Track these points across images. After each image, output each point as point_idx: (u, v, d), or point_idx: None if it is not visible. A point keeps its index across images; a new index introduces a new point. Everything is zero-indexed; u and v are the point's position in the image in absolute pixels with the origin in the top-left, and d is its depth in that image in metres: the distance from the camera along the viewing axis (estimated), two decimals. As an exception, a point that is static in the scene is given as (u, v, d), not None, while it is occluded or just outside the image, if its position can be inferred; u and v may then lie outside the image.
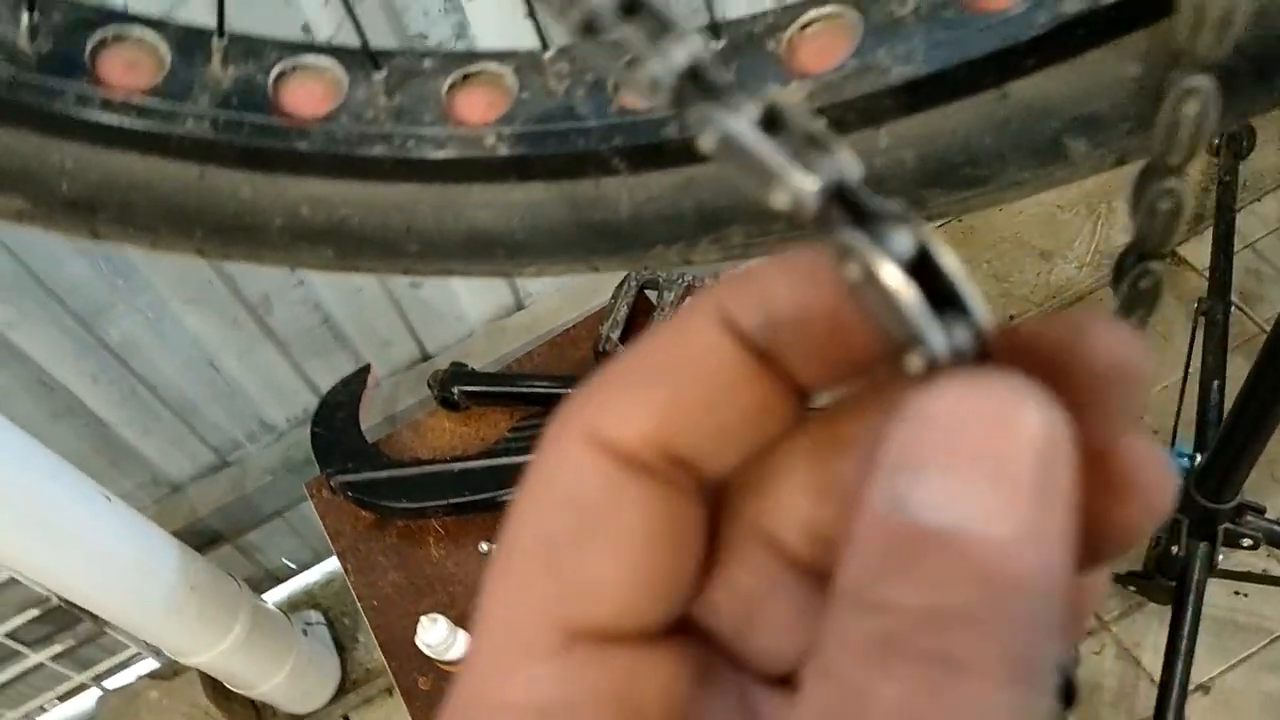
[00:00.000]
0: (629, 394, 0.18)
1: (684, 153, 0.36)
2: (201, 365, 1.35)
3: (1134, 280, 0.30)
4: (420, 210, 0.39)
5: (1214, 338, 1.55)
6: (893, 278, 0.16)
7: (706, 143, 0.17)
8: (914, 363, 0.16)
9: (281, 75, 0.38)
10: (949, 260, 0.16)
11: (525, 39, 0.37)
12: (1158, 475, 0.17)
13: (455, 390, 1.20)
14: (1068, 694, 0.19)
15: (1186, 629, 1.33)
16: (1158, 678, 1.35)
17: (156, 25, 0.37)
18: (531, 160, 0.37)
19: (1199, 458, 1.35)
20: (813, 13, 0.36)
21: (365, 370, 1.26)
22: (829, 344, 0.18)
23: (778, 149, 0.17)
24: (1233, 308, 1.62)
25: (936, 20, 0.34)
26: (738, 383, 0.18)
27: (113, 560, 1.17)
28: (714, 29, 0.36)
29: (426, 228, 0.39)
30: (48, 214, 0.39)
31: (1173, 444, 1.46)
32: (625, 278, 1.24)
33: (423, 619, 0.98)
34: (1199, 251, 1.81)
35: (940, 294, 0.16)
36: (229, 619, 1.32)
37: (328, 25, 1.06)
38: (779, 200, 0.17)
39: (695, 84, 0.17)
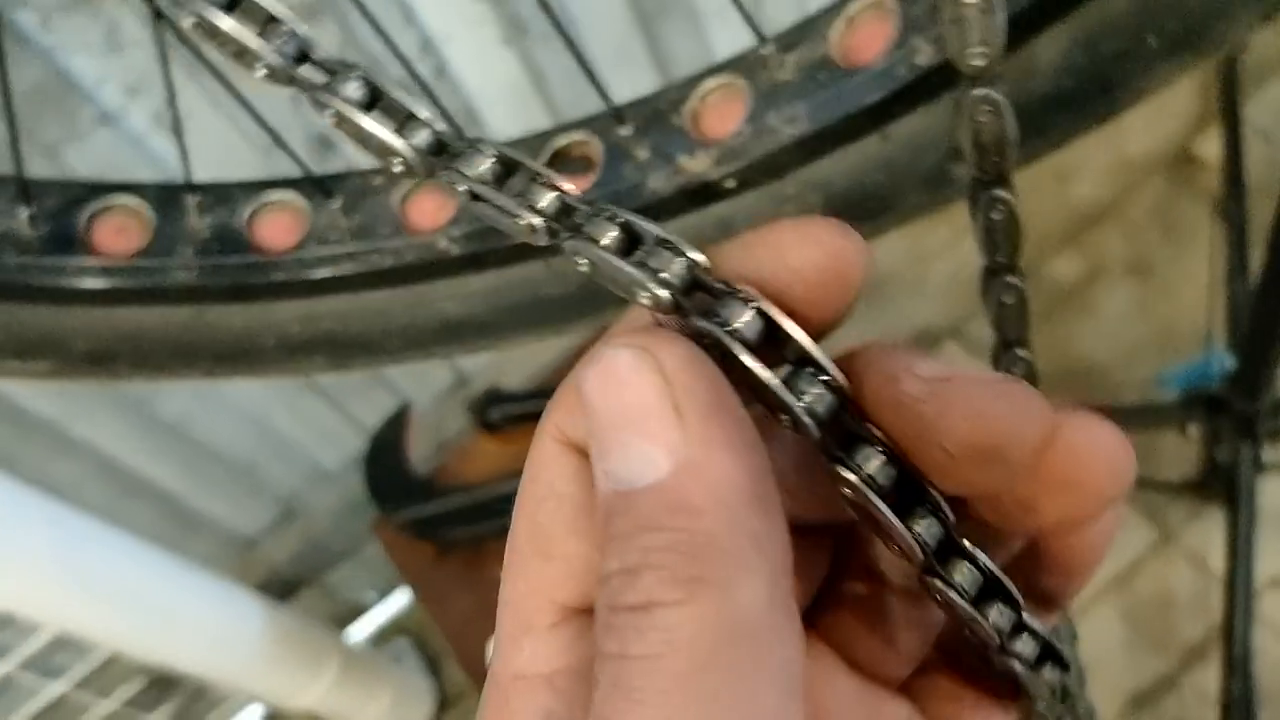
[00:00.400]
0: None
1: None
2: (252, 425, 1.41)
3: (986, 211, 0.31)
4: (394, 312, 0.43)
5: (1234, 235, 1.55)
6: (744, 357, 0.19)
7: (580, 268, 0.20)
8: (783, 420, 0.20)
9: (253, 215, 0.42)
10: (792, 327, 0.19)
11: (504, 71, 0.41)
12: (1101, 454, 0.20)
13: (493, 413, 1.25)
14: (1058, 661, 0.23)
15: (1242, 530, 1.34)
16: (1231, 582, 1.37)
17: (136, 189, 0.42)
18: (482, 254, 0.41)
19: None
20: (709, 83, 0.39)
21: (405, 409, 1.31)
22: None
23: (633, 268, 0.20)
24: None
25: (813, 81, 0.37)
26: None
27: (201, 625, 1.23)
28: (618, 115, 0.39)
29: (403, 326, 0.43)
30: (72, 370, 0.44)
31: (1206, 348, 1.47)
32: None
33: (490, 640, 1.03)
34: (1213, 148, 1.80)
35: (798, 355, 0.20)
36: (320, 662, 1.39)
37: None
38: (645, 303, 0.20)
39: (561, 222, 0.21)
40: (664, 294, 0.19)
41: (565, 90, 1.26)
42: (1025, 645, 0.22)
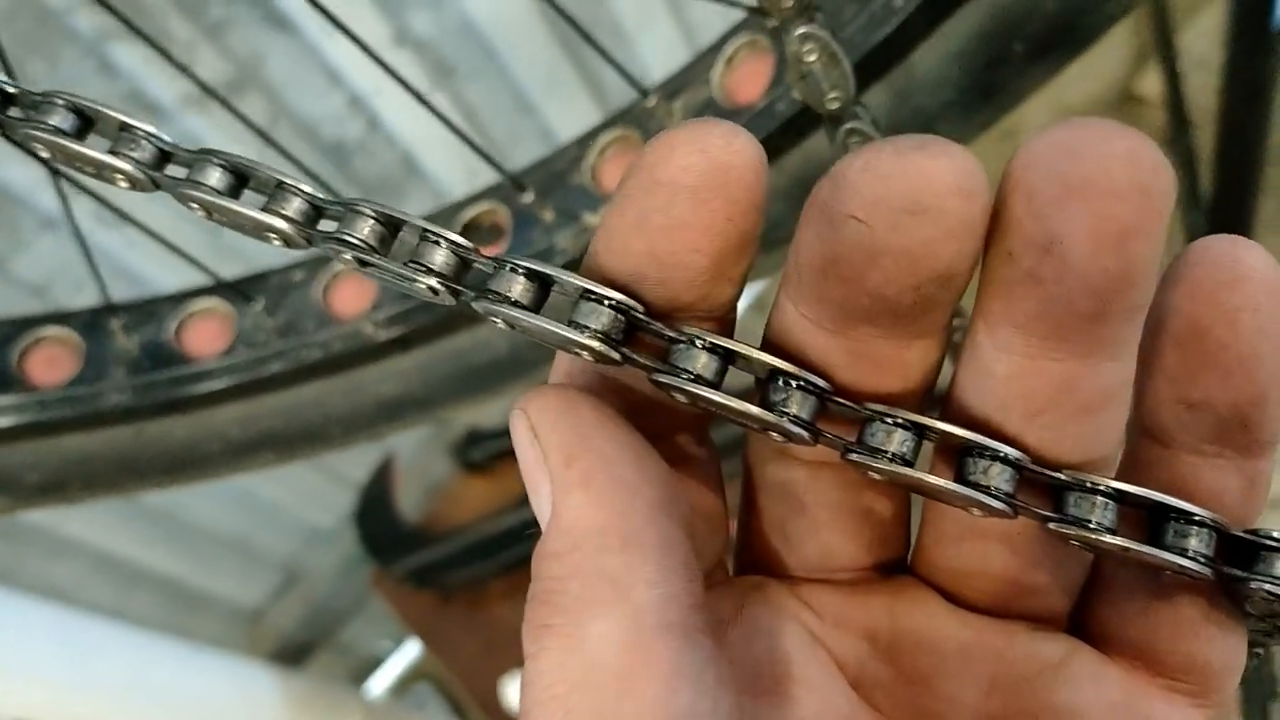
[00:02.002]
0: None
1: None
2: (240, 499, 1.41)
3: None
4: (332, 401, 0.44)
5: (1183, 167, 1.56)
6: (709, 392, 0.19)
7: (501, 325, 0.20)
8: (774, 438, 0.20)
9: (179, 326, 0.43)
10: (750, 351, 0.19)
11: (434, 122, 0.41)
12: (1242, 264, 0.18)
13: (475, 453, 1.25)
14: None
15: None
16: None
17: (61, 319, 0.42)
18: (408, 334, 0.42)
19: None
20: (603, 139, 0.40)
21: (389, 460, 1.31)
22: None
23: (556, 324, 0.19)
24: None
25: (702, 124, 0.38)
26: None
27: (217, 706, 1.24)
28: (517, 183, 0.40)
29: (341, 413, 0.44)
30: (27, 501, 0.44)
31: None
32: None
33: (502, 679, 1.04)
34: (1154, 85, 1.81)
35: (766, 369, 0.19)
36: (341, 720, 1.39)
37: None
38: (586, 357, 0.19)
39: (462, 278, 0.20)
40: (604, 349, 0.19)
41: (500, 124, 1.27)
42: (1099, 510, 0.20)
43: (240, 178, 0.20)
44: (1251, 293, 0.18)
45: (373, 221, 0.19)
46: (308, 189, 0.19)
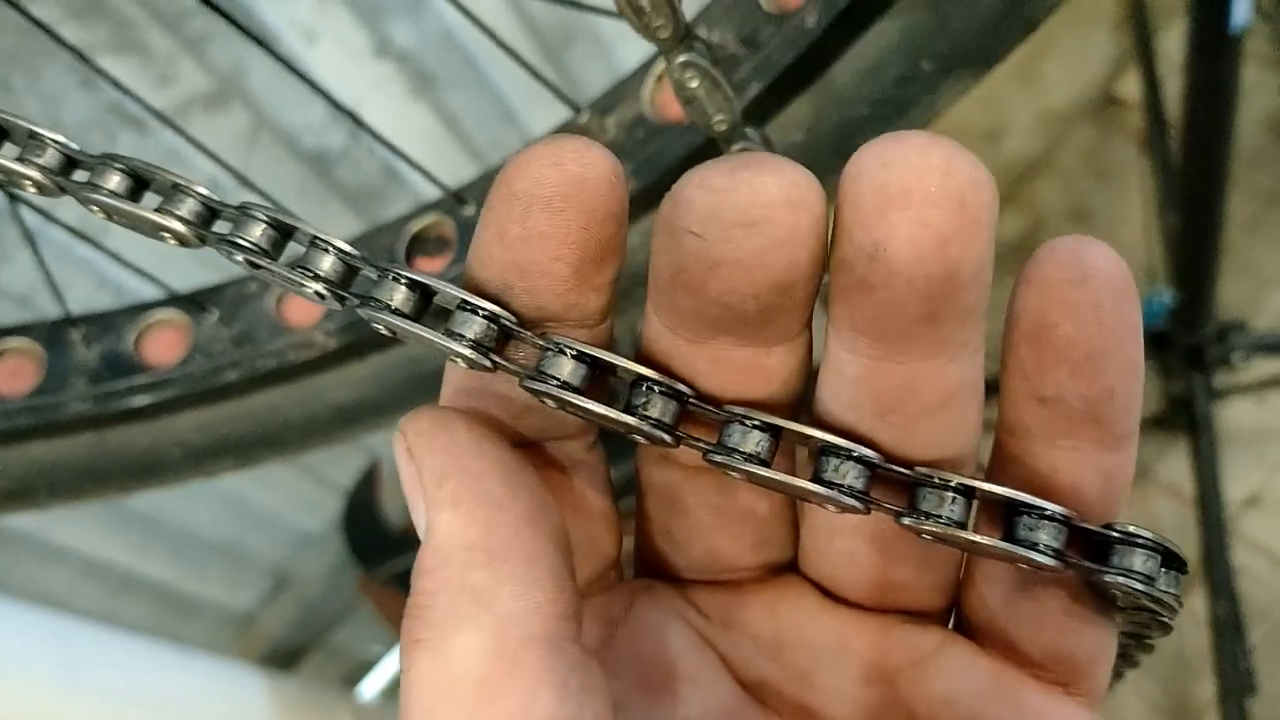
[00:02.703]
0: None
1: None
2: (229, 504, 1.43)
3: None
4: (288, 407, 0.45)
5: (1161, 170, 1.58)
6: (580, 400, 0.20)
7: (384, 333, 0.21)
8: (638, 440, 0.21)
9: (138, 337, 0.44)
10: (612, 358, 0.21)
11: (419, 124, 0.42)
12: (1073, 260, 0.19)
13: (459, 458, 1.27)
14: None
15: (1205, 457, 1.37)
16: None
17: (24, 330, 0.44)
18: (359, 342, 0.43)
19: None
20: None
21: (375, 465, 1.33)
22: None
23: (428, 331, 0.20)
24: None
25: (633, 138, 0.39)
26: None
27: (207, 709, 1.25)
28: (458, 197, 0.41)
29: (298, 419, 0.45)
30: (-4, 507, 0.46)
31: (1148, 286, 1.50)
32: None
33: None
34: (1134, 88, 1.83)
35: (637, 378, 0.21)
36: (331, 724, 1.41)
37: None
38: (461, 365, 0.21)
39: (351, 284, 0.21)
40: (476, 357, 0.20)
41: (482, 132, 1.28)
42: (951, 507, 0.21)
43: (140, 181, 0.21)
44: (1096, 289, 0.19)
45: (265, 225, 0.21)
46: (202, 191, 0.20)
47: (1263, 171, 1.67)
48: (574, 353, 0.21)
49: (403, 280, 0.20)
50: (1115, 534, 0.21)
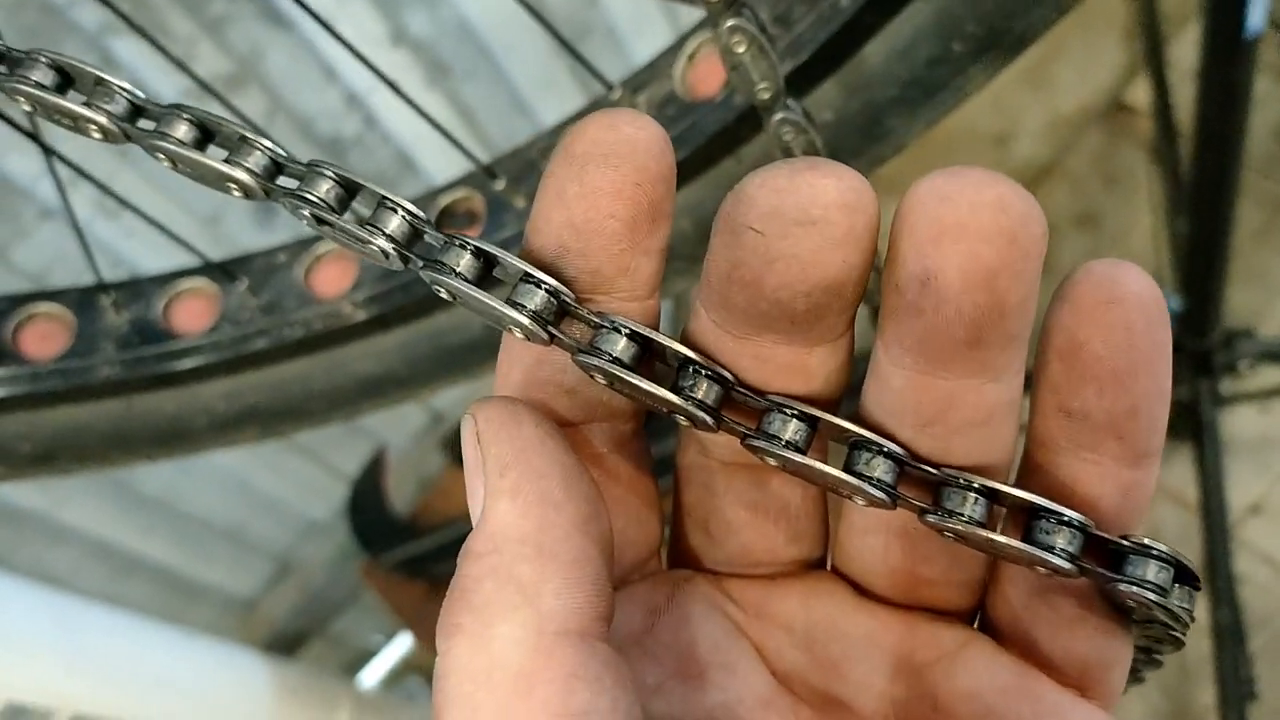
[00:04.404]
0: None
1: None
2: (236, 489, 1.43)
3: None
4: (314, 377, 0.46)
5: (1170, 177, 1.59)
6: (630, 376, 0.21)
7: (444, 296, 0.22)
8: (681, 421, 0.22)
9: (167, 305, 0.45)
10: (664, 339, 0.21)
11: (433, 114, 0.43)
12: (1118, 289, 0.20)
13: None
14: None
15: (1210, 464, 1.37)
16: (1212, 516, 1.39)
17: (55, 296, 0.44)
18: (387, 314, 0.44)
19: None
20: (573, 130, 0.42)
21: (382, 453, 1.33)
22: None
23: (492, 299, 0.21)
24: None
25: (664, 116, 0.40)
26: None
27: (209, 691, 1.26)
28: (489, 171, 0.42)
29: (323, 389, 0.46)
30: (20, 471, 0.46)
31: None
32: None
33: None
34: (1144, 95, 1.84)
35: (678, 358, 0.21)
36: (332, 711, 1.41)
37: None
38: (518, 335, 0.21)
39: (412, 249, 0.21)
40: (534, 328, 0.21)
41: (496, 124, 1.29)
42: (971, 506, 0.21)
43: (206, 132, 0.21)
44: (1127, 311, 0.20)
45: (332, 182, 0.21)
46: (269, 145, 0.21)
47: (1272, 180, 1.68)
48: (627, 331, 0.21)
49: (468, 247, 0.21)
50: (1129, 544, 0.22)
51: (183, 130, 0.21)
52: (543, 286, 0.21)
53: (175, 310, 0.44)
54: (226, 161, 0.21)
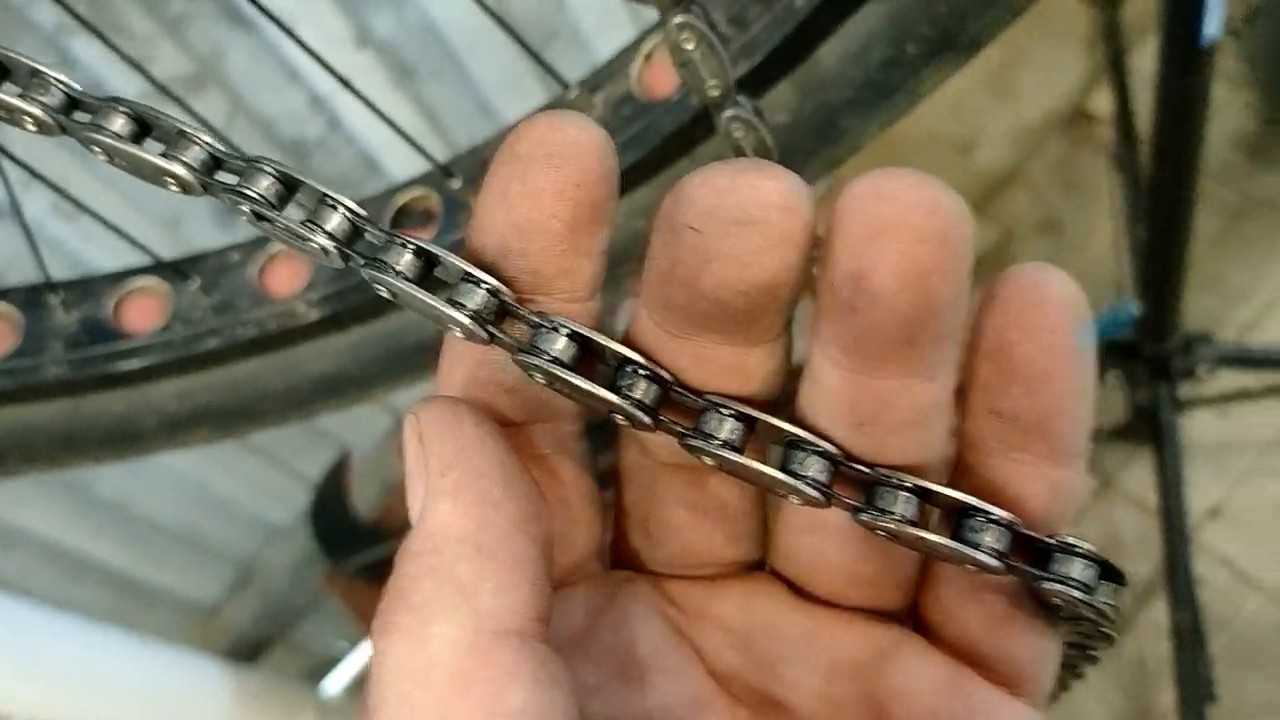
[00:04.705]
0: None
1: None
2: (194, 492, 1.41)
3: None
4: (267, 377, 0.45)
5: (1130, 184, 1.60)
6: (569, 375, 0.21)
7: (385, 295, 0.22)
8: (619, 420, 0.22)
9: (117, 304, 0.44)
10: (603, 339, 0.22)
11: (398, 115, 0.43)
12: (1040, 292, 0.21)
13: (430, 451, 1.27)
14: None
15: (1169, 467, 1.39)
16: (1170, 520, 1.41)
17: (2, 294, 0.44)
18: (340, 314, 0.43)
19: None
20: (529, 129, 0.42)
21: (345, 457, 1.32)
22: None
23: (432, 298, 0.21)
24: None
25: (620, 116, 0.40)
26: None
27: (167, 698, 1.24)
28: (445, 170, 0.42)
29: (277, 390, 0.45)
30: (-36, 471, 0.45)
31: (1116, 298, 1.52)
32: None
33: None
34: (1106, 103, 1.86)
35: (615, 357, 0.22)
36: (294, 718, 1.40)
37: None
38: (458, 334, 0.21)
39: (355, 247, 0.21)
40: (474, 327, 0.21)
41: (461, 125, 1.29)
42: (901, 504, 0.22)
43: (144, 126, 0.21)
44: (1052, 314, 0.21)
45: (272, 179, 0.21)
46: (208, 140, 0.20)
47: (1229, 187, 1.70)
48: (567, 331, 0.21)
49: (409, 246, 0.21)
50: (1054, 543, 0.22)
51: (119, 124, 0.21)
52: (483, 286, 0.21)
53: (126, 309, 0.44)
54: (163, 155, 0.20)
